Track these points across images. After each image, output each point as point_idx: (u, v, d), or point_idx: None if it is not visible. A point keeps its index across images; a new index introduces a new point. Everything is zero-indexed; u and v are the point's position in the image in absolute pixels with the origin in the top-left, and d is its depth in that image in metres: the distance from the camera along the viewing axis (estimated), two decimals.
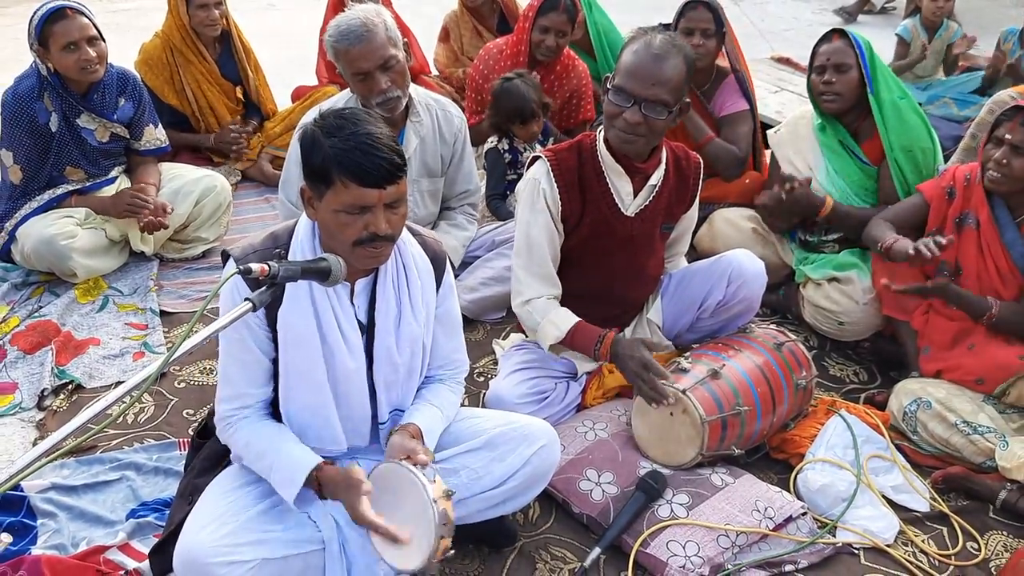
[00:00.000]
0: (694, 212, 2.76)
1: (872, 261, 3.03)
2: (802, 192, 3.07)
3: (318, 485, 1.92)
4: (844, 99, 3.14)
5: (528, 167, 2.64)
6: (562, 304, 2.65)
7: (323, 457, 2.01)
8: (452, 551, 1.84)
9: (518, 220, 2.63)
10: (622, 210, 2.59)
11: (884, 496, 2.47)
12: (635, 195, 2.58)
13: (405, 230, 2.06)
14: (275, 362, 2.00)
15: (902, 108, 3.13)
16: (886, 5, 8.33)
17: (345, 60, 2.97)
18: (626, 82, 2.39)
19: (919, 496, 2.50)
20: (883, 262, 2.88)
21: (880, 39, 5.97)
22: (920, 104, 4.89)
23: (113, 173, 3.72)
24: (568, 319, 2.58)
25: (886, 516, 2.40)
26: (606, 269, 2.67)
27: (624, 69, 2.40)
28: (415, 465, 1.84)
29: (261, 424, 2.02)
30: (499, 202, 3.77)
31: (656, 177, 2.58)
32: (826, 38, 3.21)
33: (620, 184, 2.56)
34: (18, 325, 3.24)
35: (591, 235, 2.61)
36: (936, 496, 2.51)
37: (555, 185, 2.54)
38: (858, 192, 3.21)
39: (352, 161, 1.79)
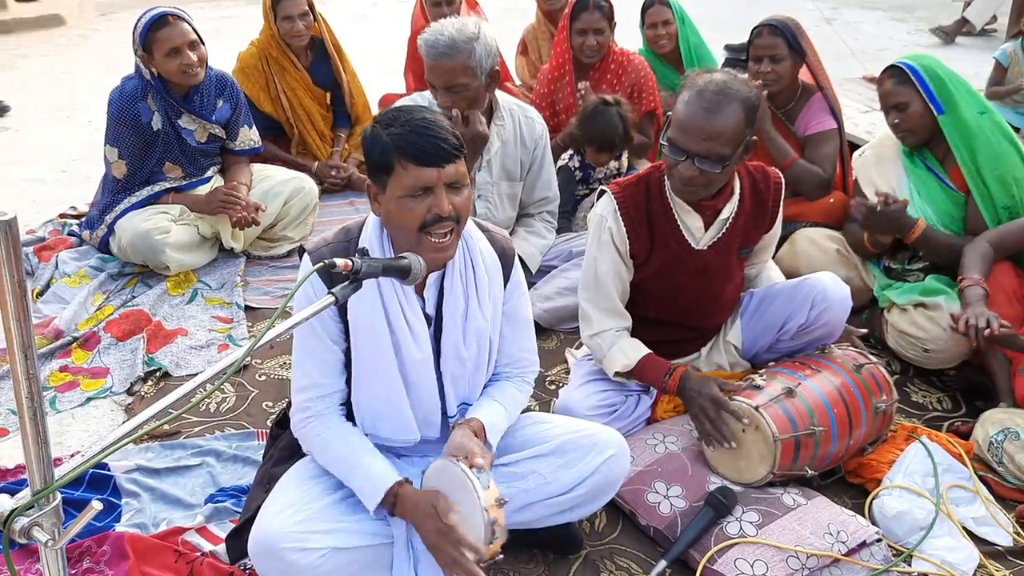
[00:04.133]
0: (776, 229, 2.71)
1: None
2: (897, 208, 2.97)
3: (393, 502, 1.94)
4: (917, 133, 3.07)
5: (597, 198, 2.62)
6: (637, 328, 2.63)
7: (396, 450, 2.04)
8: (501, 556, 1.87)
9: (586, 254, 2.63)
10: (693, 245, 2.56)
11: (964, 527, 2.38)
12: (706, 228, 2.55)
13: (473, 225, 2.09)
14: (347, 353, 2.04)
15: (986, 127, 3.00)
16: (987, 27, 8.06)
17: (425, 64, 3.08)
18: (678, 136, 2.33)
19: (1002, 529, 2.40)
20: None
21: (980, 63, 5.80)
22: (1020, 128, 4.73)
23: (209, 173, 3.88)
24: (638, 350, 2.56)
25: (966, 548, 2.31)
26: (680, 298, 2.64)
27: (676, 122, 2.35)
28: (472, 468, 1.85)
29: (341, 428, 2.05)
30: (563, 220, 3.78)
31: (728, 210, 2.54)
32: (880, 81, 3.14)
33: (690, 220, 2.53)
34: (112, 313, 3.40)
35: (662, 268, 2.58)
36: (1020, 530, 2.42)
37: (621, 222, 2.52)
38: (942, 219, 3.08)
39: (408, 143, 1.84)
